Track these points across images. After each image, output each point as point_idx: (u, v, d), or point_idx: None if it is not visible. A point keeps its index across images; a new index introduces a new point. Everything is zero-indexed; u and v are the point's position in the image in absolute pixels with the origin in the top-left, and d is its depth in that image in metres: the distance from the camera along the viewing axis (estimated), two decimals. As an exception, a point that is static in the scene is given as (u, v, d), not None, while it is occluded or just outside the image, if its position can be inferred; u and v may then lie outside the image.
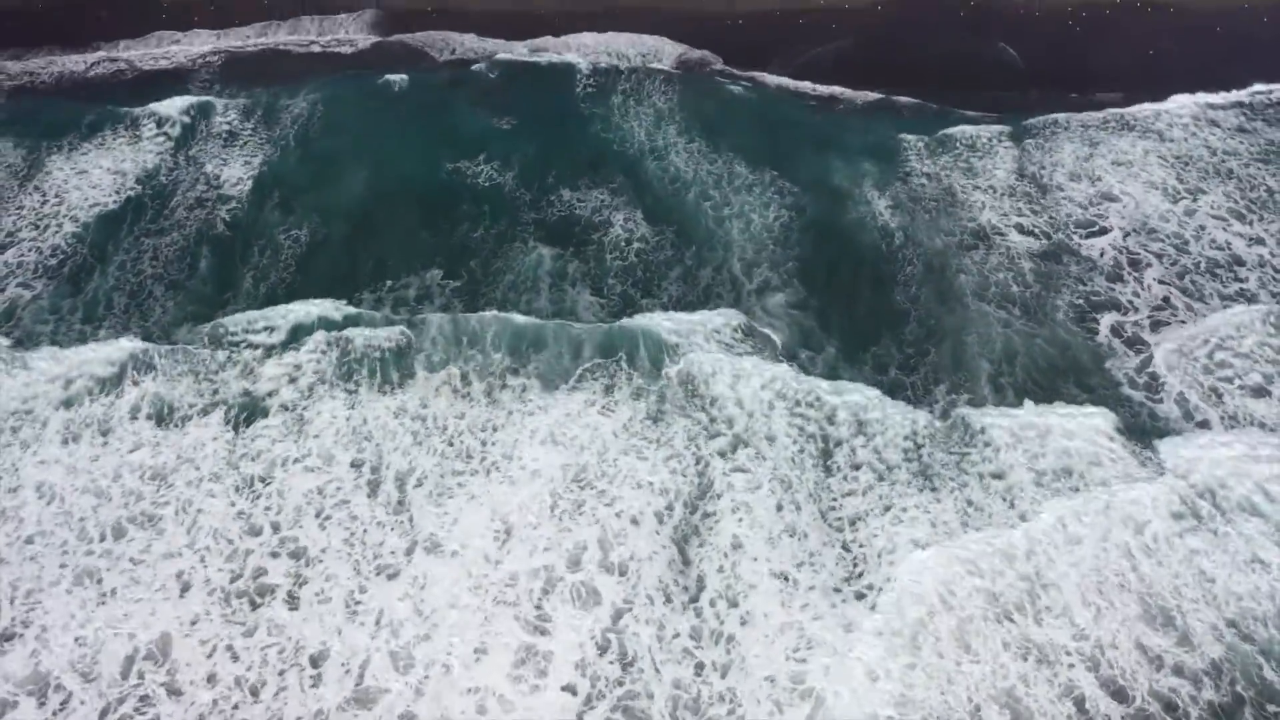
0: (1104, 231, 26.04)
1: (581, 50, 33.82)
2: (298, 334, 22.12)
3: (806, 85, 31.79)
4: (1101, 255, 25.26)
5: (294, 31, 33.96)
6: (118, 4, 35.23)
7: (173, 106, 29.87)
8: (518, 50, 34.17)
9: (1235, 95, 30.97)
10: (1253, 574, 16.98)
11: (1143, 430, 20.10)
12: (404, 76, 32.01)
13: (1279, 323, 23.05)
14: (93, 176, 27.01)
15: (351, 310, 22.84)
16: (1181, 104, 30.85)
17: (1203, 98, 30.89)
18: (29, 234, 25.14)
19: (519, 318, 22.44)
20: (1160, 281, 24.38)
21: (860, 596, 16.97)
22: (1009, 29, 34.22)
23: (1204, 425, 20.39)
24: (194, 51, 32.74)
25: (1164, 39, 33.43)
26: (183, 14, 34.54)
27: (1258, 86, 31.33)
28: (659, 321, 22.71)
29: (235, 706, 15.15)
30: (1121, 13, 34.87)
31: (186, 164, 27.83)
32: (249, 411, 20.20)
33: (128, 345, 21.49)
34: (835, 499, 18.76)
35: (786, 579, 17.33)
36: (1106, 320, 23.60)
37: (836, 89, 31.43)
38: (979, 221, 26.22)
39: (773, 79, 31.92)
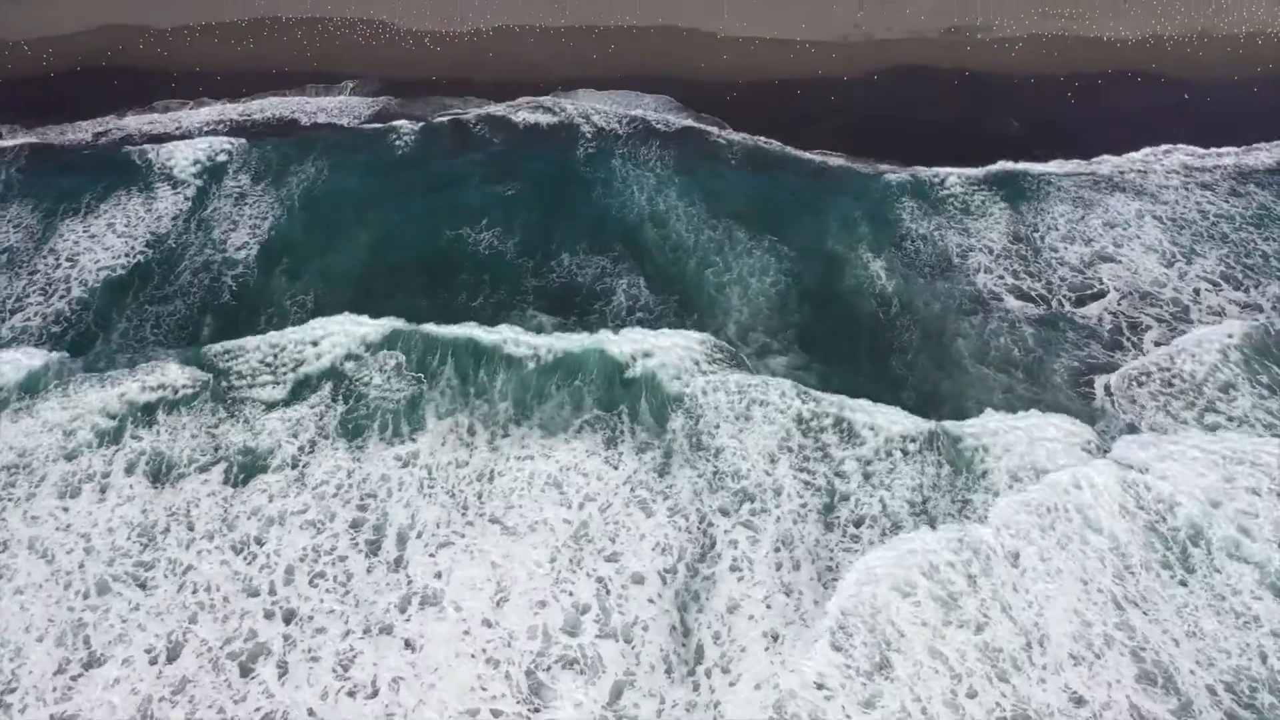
0: (1100, 295, 26.65)
1: (581, 111, 34.86)
2: (301, 389, 22.72)
3: (804, 149, 32.77)
4: (1099, 321, 25.79)
5: (300, 100, 35.23)
6: (129, 73, 36.72)
7: (186, 170, 31.12)
8: (520, 110, 35.33)
9: (1226, 158, 31.95)
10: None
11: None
12: (407, 141, 33.11)
13: (1247, 345, 24.11)
14: (104, 240, 27.88)
15: (360, 355, 23.38)
16: (1171, 163, 31.84)
17: (1194, 159, 31.87)
18: (37, 299, 25.87)
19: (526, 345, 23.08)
20: (1157, 344, 24.91)
21: (837, 649, 17.08)
22: (1004, 98, 35.42)
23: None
24: (204, 118, 33.99)
25: (1156, 107, 34.57)
26: (191, 83, 35.95)
27: (1248, 149, 32.31)
28: (634, 337, 23.61)
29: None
30: (1113, 82, 36.15)
31: (196, 227, 28.73)
32: (249, 467, 20.54)
33: (129, 393, 22.01)
34: (833, 556, 19.05)
35: (776, 638, 17.62)
36: (1101, 381, 24.21)
37: (832, 155, 32.43)
38: (976, 285, 26.87)
39: (771, 144, 32.92)
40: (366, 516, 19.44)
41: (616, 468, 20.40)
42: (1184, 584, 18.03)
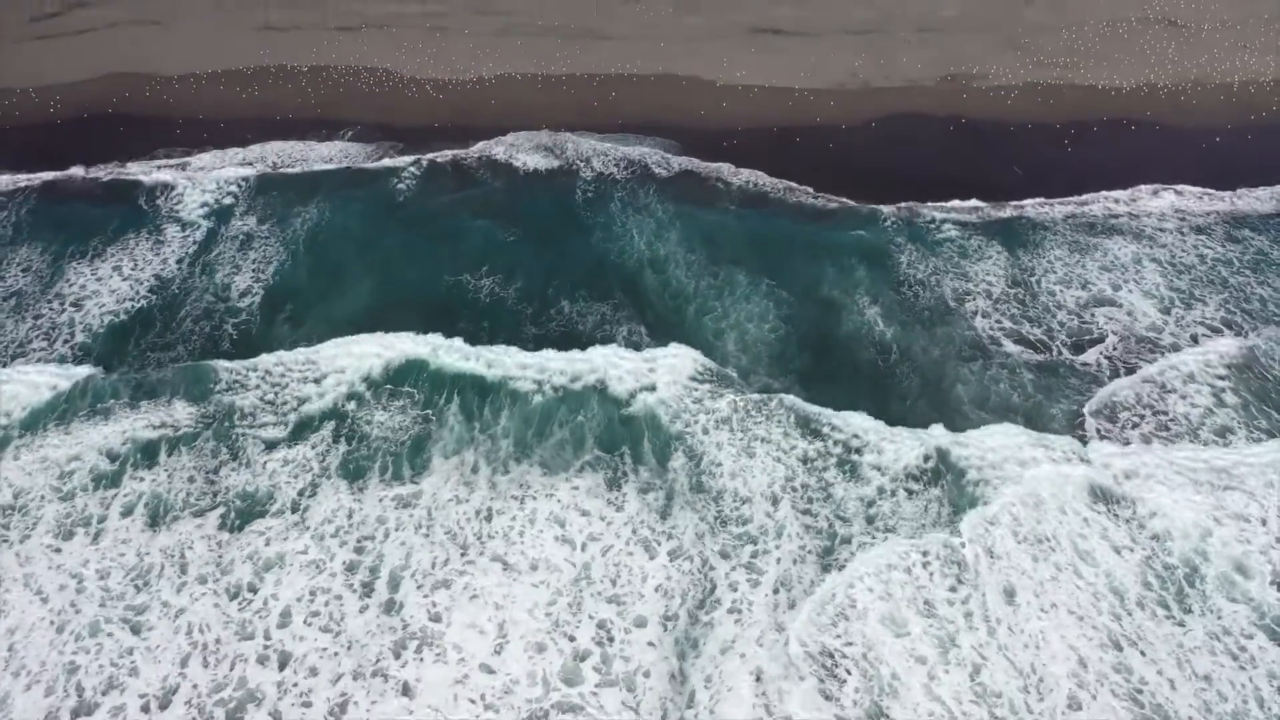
0: (1099, 340, 26.99)
1: (581, 155, 35.49)
2: (303, 429, 23.01)
3: (803, 194, 33.35)
4: (1098, 366, 26.08)
5: (305, 145, 35.92)
6: (135, 120, 37.54)
7: (193, 213, 31.88)
8: (519, 152, 35.97)
9: (1220, 203, 32.57)
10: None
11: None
12: (409, 185, 33.82)
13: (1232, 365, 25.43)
14: (110, 284, 28.41)
15: (362, 395, 23.80)
16: (1165, 207, 32.49)
17: (1189, 204, 32.52)
18: (40, 344, 26.28)
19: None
20: (1156, 388, 25.19)
21: (826, 696, 17.22)
22: (1000, 145, 36.12)
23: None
24: (209, 164, 34.65)
25: (1151, 154, 35.25)
26: (197, 129, 36.74)
27: (1242, 192, 32.97)
28: (622, 355, 24.82)
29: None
30: (1108, 129, 36.88)
31: (200, 272, 29.25)
32: (246, 513, 20.69)
33: (131, 431, 22.22)
34: (833, 596, 19.15)
35: (759, 679, 17.67)
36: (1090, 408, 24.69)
37: (830, 200, 32.97)
38: (975, 330, 27.23)
39: (769, 189, 33.51)
40: (363, 559, 19.58)
41: (620, 509, 20.61)
42: (1181, 624, 18.13)
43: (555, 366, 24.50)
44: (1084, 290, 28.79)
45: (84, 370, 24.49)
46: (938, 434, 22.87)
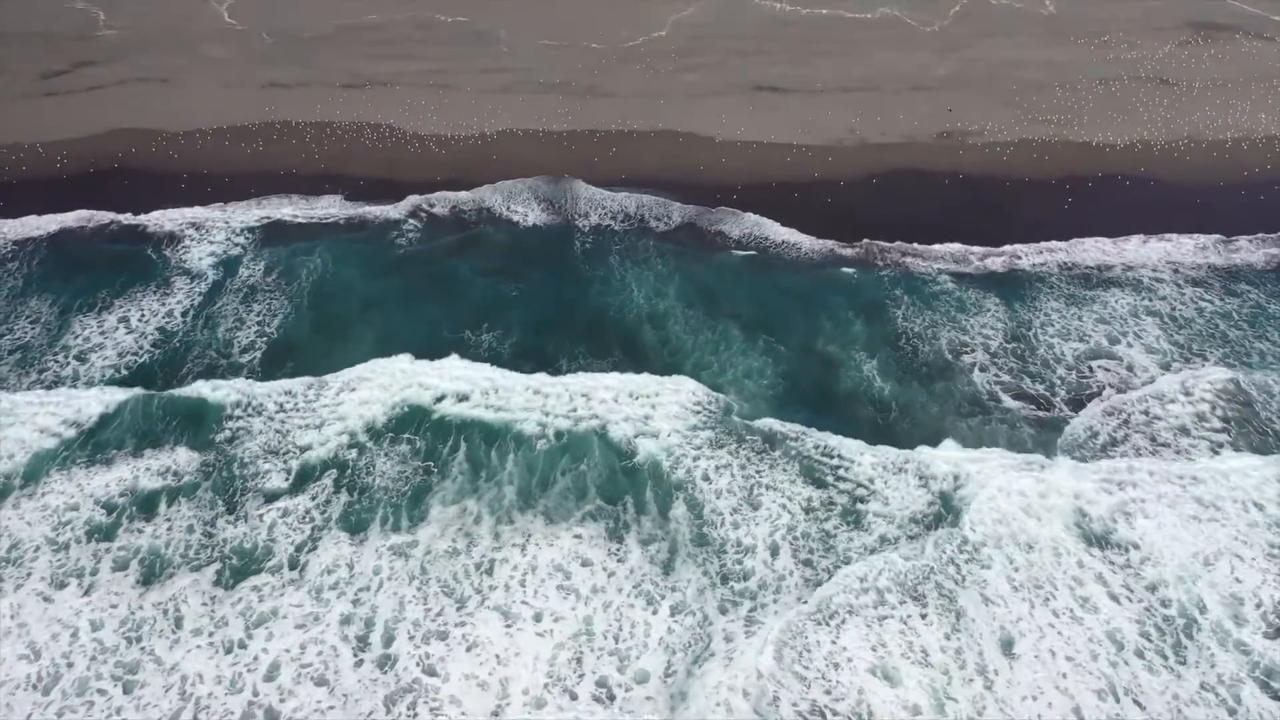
0: (1099, 393, 27.27)
1: (581, 210, 36.11)
2: (304, 480, 23.21)
3: (799, 249, 33.88)
4: (1099, 428, 26.28)
5: (308, 200, 36.61)
6: (141, 174, 38.38)
7: (198, 264, 32.64)
8: (518, 200, 36.65)
9: (1213, 256, 33.16)
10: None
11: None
12: (411, 239, 34.52)
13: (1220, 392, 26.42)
14: (115, 337, 28.94)
15: (363, 444, 24.04)
16: (1160, 259, 33.07)
17: (1184, 256, 33.13)
18: (40, 397, 26.39)
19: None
20: (1158, 444, 25.43)
21: None
22: (996, 199, 36.84)
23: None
24: (215, 217, 35.33)
25: (1146, 209, 35.92)
26: (202, 184, 37.55)
27: (1238, 248, 33.57)
28: (615, 384, 25.67)
29: None
30: (1103, 184, 37.65)
31: (204, 325, 29.76)
32: (241, 570, 20.74)
33: (131, 479, 22.36)
34: (827, 651, 19.25)
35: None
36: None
37: (827, 253, 33.47)
38: (974, 386, 27.53)
39: (767, 242, 34.07)
40: (357, 611, 19.62)
41: (622, 560, 20.79)
42: (1177, 673, 18.20)
43: (558, 408, 24.78)
44: (1081, 343, 29.18)
45: (92, 414, 24.71)
46: (941, 470, 23.23)
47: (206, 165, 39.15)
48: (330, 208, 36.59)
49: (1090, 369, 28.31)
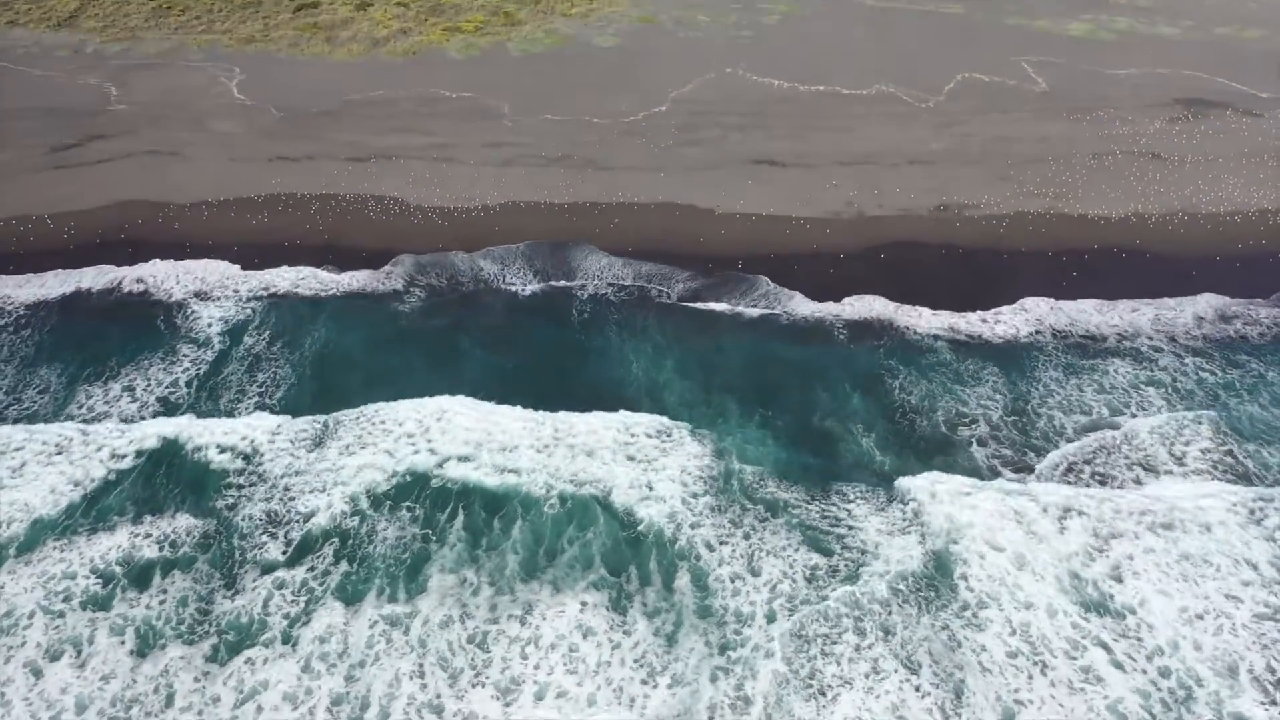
0: (1100, 473, 27.48)
1: (580, 282, 36.77)
2: (302, 552, 23.29)
3: (797, 322, 34.43)
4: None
5: (312, 270, 37.31)
6: (147, 245, 39.23)
7: (205, 333, 33.32)
8: (515, 266, 37.33)
9: (1210, 327, 33.75)
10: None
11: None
12: (413, 308, 35.28)
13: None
14: (120, 406, 29.36)
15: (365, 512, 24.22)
16: (1158, 328, 33.65)
17: (1180, 327, 33.71)
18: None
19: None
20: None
21: None
22: (993, 271, 37.50)
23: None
24: (218, 283, 36.06)
25: (1140, 278, 36.59)
26: (207, 255, 38.36)
27: (1232, 319, 34.17)
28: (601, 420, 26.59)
29: None
30: (1099, 258, 38.38)
31: (207, 396, 30.20)
32: (235, 646, 20.70)
33: (128, 548, 22.39)
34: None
35: None
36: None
37: (824, 324, 33.99)
38: (975, 461, 27.72)
39: (764, 315, 34.65)
40: (350, 690, 19.51)
41: (629, 633, 20.91)
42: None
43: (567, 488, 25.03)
44: (1084, 415, 29.50)
45: (95, 477, 24.92)
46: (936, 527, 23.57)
47: (212, 236, 40.02)
48: (334, 277, 37.25)
49: (1091, 438, 28.69)
